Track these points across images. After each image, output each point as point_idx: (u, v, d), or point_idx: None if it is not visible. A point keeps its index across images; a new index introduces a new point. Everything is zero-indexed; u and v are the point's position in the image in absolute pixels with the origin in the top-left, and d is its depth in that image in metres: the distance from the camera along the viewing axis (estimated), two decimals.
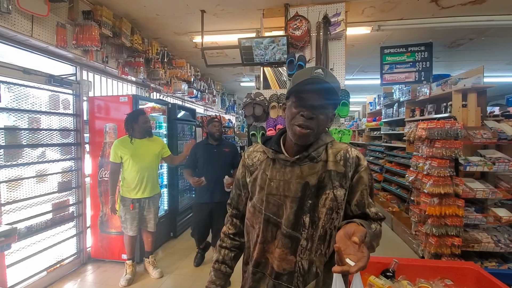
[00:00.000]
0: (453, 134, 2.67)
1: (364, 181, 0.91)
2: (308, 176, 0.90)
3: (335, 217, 0.89)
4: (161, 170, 3.95)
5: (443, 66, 5.47)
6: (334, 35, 2.76)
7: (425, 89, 3.86)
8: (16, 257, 2.41)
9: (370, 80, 6.43)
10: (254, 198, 0.98)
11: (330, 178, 0.89)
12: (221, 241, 1.11)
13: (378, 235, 0.90)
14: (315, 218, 0.88)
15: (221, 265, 1.08)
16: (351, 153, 0.93)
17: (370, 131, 6.73)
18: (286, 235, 0.90)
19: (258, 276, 0.97)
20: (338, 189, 0.89)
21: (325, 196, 0.88)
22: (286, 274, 0.91)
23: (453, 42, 4.19)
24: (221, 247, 1.10)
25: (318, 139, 0.93)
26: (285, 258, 0.90)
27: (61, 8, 2.68)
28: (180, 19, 3.50)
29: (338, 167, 0.90)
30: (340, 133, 2.61)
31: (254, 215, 0.97)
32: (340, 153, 0.92)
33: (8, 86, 2.40)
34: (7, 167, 2.38)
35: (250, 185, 1.01)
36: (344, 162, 0.91)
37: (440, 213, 2.67)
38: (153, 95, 4.75)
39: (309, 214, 0.88)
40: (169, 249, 3.66)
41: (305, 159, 0.91)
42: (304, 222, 0.89)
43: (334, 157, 0.92)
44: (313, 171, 0.90)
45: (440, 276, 1.62)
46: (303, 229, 0.89)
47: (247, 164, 1.04)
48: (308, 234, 0.88)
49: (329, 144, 0.95)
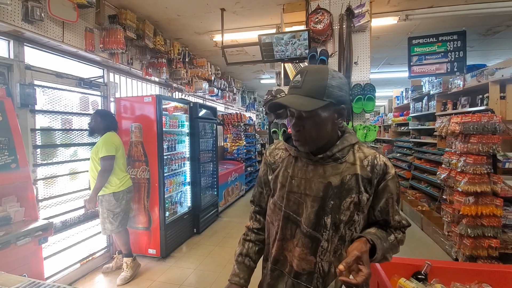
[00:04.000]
0: (490, 128, 2.50)
1: (390, 189, 0.90)
2: (331, 176, 0.88)
3: (356, 219, 0.89)
4: (184, 168, 4.03)
5: (478, 55, 5.13)
6: (358, 27, 2.66)
7: (458, 80, 3.62)
8: (52, 249, 2.58)
9: (397, 73, 6.19)
10: (275, 195, 0.98)
11: (357, 182, 0.88)
12: (245, 234, 1.12)
13: (395, 245, 0.92)
14: (337, 220, 0.87)
15: (245, 258, 1.07)
16: (379, 160, 0.90)
17: (397, 127, 6.46)
18: (307, 235, 0.89)
19: (276, 273, 0.97)
20: (363, 194, 0.88)
21: (350, 200, 0.87)
22: (306, 274, 0.90)
23: (489, 29, 3.92)
24: (245, 240, 1.10)
25: (342, 139, 0.90)
26: (305, 258, 0.90)
27: (88, 13, 2.81)
28: (200, 19, 3.54)
29: (365, 172, 0.88)
30: (366, 129, 2.52)
31: (274, 212, 0.98)
32: (368, 158, 0.90)
33: (43, 89, 2.56)
34: (43, 165, 2.54)
35: (272, 183, 1.01)
36: (371, 168, 0.89)
37: (476, 213, 2.52)
38: (175, 94, 4.86)
39: (330, 215, 0.87)
40: (193, 245, 3.75)
41: (329, 159, 0.89)
42: (326, 223, 0.88)
43: (361, 161, 0.90)
44: (337, 172, 0.89)
45: (477, 280, 1.52)
46: (324, 230, 0.88)
47: (269, 162, 1.04)
48: (329, 235, 0.88)
49: (356, 146, 0.93)
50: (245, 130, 7.13)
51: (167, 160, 3.51)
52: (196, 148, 4.13)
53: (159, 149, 3.24)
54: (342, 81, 0.87)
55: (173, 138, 3.70)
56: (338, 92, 0.84)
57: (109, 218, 2.76)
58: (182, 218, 3.80)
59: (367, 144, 0.97)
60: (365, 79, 2.71)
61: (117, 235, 2.89)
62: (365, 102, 2.54)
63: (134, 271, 2.90)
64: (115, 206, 2.77)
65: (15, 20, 2.15)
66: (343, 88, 0.86)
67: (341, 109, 0.87)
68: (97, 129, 2.77)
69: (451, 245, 3.04)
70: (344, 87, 0.87)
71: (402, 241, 0.94)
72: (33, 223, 1.88)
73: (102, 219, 2.79)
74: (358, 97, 2.55)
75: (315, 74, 0.85)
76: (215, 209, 4.76)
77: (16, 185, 1.92)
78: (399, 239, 0.92)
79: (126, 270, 2.84)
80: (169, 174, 3.59)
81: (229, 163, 6.32)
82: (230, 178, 5.69)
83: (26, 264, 1.83)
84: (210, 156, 4.73)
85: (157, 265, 3.16)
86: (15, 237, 1.70)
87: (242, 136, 6.88)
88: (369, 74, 2.71)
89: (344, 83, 0.87)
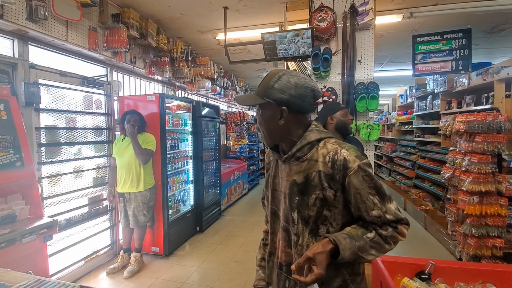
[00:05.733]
0: (495, 127, 2.47)
1: (354, 185, 0.86)
2: (295, 174, 0.94)
3: (328, 214, 0.90)
4: (187, 166, 4.04)
5: (483, 53, 5.07)
6: (362, 25, 2.64)
7: (463, 79, 3.58)
8: (57, 247, 2.60)
9: (401, 71, 6.14)
10: (267, 193, 1.07)
11: (320, 178, 0.90)
12: (264, 239, 1.17)
13: (379, 242, 0.86)
14: (305, 215, 0.91)
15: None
16: (339, 155, 0.88)
17: (400, 125, 6.43)
18: (283, 228, 0.98)
19: (270, 264, 1.06)
20: (328, 190, 0.89)
21: (315, 196, 0.90)
22: (286, 265, 0.97)
23: (494, 27, 3.86)
24: (264, 245, 1.16)
25: (302, 138, 0.93)
26: (284, 250, 0.98)
27: (92, 12, 2.82)
28: (203, 17, 3.53)
29: (326, 169, 0.89)
30: (369, 127, 2.50)
31: (267, 208, 1.08)
32: (330, 154, 0.90)
33: (47, 88, 2.58)
34: (48, 163, 2.56)
35: (265, 181, 1.11)
36: (332, 164, 0.89)
37: (480, 213, 2.50)
38: (178, 93, 4.87)
39: (297, 210, 0.92)
40: (195, 243, 3.76)
41: (292, 158, 0.94)
42: (293, 218, 0.93)
43: (324, 158, 0.91)
44: (300, 170, 0.93)
45: (481, 280, 1.51)
46: (293, 225, 0.93)
47: (266, 162, 1.15)
48: (299, 229, 0.92)
49: (321, 143, 0.94)
50: (247, 129, 7.13)
51: (170, 158, 3.52)
52: (199, 147, 4.13)
53: (162, 148, 3.25)
54: (289, 85, 0.89)
55: (176, 136, 3.71)
56: (277, 94, 0.89)
57: (144, 211, 3.01)
58: (185, 216, 3.82)
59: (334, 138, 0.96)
60: (368, 77, 2.69)
61: (141, 229, 3.07)
62: (368, 100, 2.52)
63: (140, 267, 3.00)
64: (149, 200, 3.05)
65: (19, 19, 2.16)
66: (285, 91, 0.89)
67: (282, 110, 0.90)
68: (139, 127, 2.97)
69: (455, 245, 3.01)
70: (289, 90, 0.89)
71: (393, 237, 0.86)
72: (38, 221, 1.90)
73: (135, 213, 2.99)
74: (361, 95, 2.54)
75: (267, 77, 0.93)
76: (217, 208, 4.77)
77: (21, 183, 1.93)
78: (385, 236, 0.85)
79: (134, 264, 2.95)
80: (172, 173, 3.60)
81: (231, 162, 6.33)
82: (233, 177, 5.70)
83: (31, 261, 1.85)
84: (213, 155, 4.74)
85: (160, 263, 3.18)
86: (21, 235, 1.72)
87: (245, 135, 6.88)
88: (372, 72, 2.69)
89: (290, 87, 0.89)
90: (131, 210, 2.99)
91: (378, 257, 0.93)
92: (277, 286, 1.01)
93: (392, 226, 0.87)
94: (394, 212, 0.87)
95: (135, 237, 3.08)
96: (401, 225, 0.87)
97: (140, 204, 2.99)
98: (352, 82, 2.64)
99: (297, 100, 0.90)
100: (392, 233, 0.86)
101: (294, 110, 0.91)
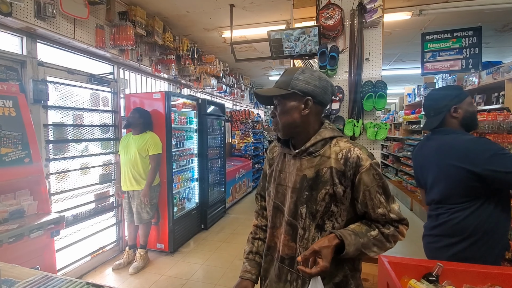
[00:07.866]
0: (506, 127, 2.42)
1: (365, 182, 0.90)
2: (306, 169, 0.95)
3: (335, 210, 0.93)
4: (192, 164, 4.06)
5: (494, 52, 4.98)
6: (370, 22, 2.59)
7: (474, 78, 3.51)
8: (63, 242, 2.64)
9: (409, 69, 6.06)
10: (270, 188, 1.08)
11: (332, 174, 0.92)
12: (254, 233, 1.19)
13: (381, 240, 0.90)
14: (313, 209, 0.93)
15: (255, 255, 1.14)
16: (353, 153, 0.92)
17: (408, 125, 6.34)
18: (288, 223, 0.98)
19: (268, 258, 1.07)
20: (338, 186, 0.91)
21: (324, 191, 0.92)
22: (288, 259, 0.99)
23: (505, 25, 3.80)
24: (254, 238, 1.17)
25: (317, 134, 0.96)
26: (287, 244, 0.99)
27: (99, 10, 2.83)
28: (210, 15, 3.53)
29: (339, 165, 0.92)
30: (376, 126, 2.47)
31: (268, 203, 1.08)
32: (343, 151, 0.93)
33: (55, 85, 2.60)
34: (55, 160, 2.59)
35: (268, 176, 1.11)
36: (344, 161, 0.92)
37: None
38: (184, 91, 4.88)
39: (305, 205, 0.94)
40: (200, 241, 3.78)
41: (304, 153, 0.96)
42: (301, 213, 0.95)
43: (336, 155, 0.94)
44: (311, 165, 0.95)
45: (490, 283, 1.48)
46: (301, 219, 0.95)
47: (268, 158, 1.15)
48: (306, 224, 0.94)
49: (333, 141, 0.97)
50: (253, 127, 7.11)
51: (175, 156, 3.53)
52: (204, 145, 4.14)
53: (168, 145, 3.26)
54: (313, 77, 0.94)
55: (182, 134, 3.72)
56: (303, 84, 0.93)
57: (147, 209, 3.02)
58: (190, 213, 3.84)
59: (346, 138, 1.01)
60: (376, 76, 2.65)
61: (145, 225, 3.09)
62: (376, 99, 2.48)
63: (145, 263, 3.02)
64: (152, 197, 3.04)
65: (27, 17, 2.18)
66: (311, 83, 0.93)
67: (307, 100, 0.93)
68: (134, 124, 2.97)
69: None
70: (314, 81, 0.93)
71: (394, 236, 0.91)
72: (46, 216, 1.92)
73: (139, 210, 3.00)
74: (369, 94, 2.50)
75: (289, 71, 0.97)
76: (222, 206, 4.78)
77: (29, 179, 1.96)
78: (387, 234, 0.90)
79: (139, 260, 2.97)
80: (177, 170, 3.61)
81: (236, 160, 6.33)
82: (238, 175, 5.71)
83: (39, 256, 1.88)
84: (218, 153, 4.74)
85: (165, 259, 3.20)
86: (29, 230, 1.74)
87: (250, 133, 6.87)
88: (380, 71, 2.65)
89: (314, 79, 0.94)
90: (134, 207, 3.01)
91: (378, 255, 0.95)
92: (277, 279, 1.01)
93: (394, 225, 0.92)
94: (397, 212, 0.92)
95: (140, 234, 3.10)
96: (402, 225, 0.92)
97: (142, 200, 3.01)
98: (359, 81, 2.60)
99: (320, 91, 0.94)
100: (394, 232, 0.91)
101: (317, 101, 0.95)
